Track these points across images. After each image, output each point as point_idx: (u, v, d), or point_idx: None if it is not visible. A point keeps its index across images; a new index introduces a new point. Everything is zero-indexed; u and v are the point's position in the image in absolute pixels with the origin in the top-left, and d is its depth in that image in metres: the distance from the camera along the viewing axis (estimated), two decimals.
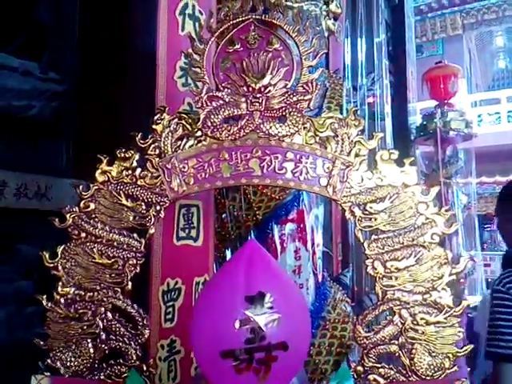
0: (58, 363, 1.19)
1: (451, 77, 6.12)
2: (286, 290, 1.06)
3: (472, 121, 6.32)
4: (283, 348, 0.99)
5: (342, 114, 1.29)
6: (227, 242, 2.17)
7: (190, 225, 1.73)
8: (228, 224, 2.19)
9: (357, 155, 1.25)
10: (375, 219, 1.23)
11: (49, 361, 1.20)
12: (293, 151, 1.26)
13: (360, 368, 1.18)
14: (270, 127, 1.24)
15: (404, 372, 1.18)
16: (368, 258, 1.22)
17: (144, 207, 1.24)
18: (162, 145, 1.25)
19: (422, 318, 1.18)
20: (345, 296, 2.41)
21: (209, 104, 1.25)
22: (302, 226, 2.26)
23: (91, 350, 1.19)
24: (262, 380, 0.99)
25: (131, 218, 1.24)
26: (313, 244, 2.28)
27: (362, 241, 1.23)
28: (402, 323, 1.19)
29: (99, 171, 1.26)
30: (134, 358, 1.19)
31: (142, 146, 1.26)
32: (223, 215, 2.23)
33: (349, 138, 1.25)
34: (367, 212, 1.23)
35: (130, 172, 1.26)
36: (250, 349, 0.97)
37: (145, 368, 1.19)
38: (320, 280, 2.24)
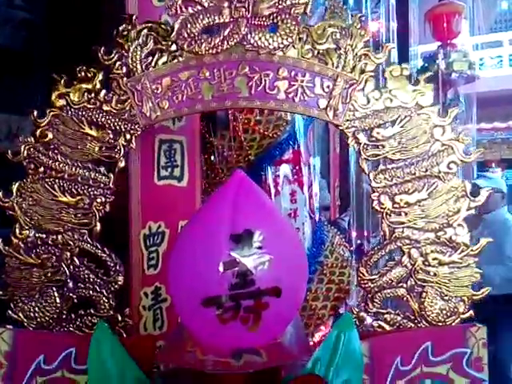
0: (21, 314, 1.05)
1: (455, 15, 5.76)
2: (278, 227, 0.90)
3: (475, 62, 6.03)
4: (275, 294, 0.84)
5: None
6: (217, 185, 2.01)
7: (172, 163, 1.55)
8: (217, 165, 2.02)
9: (362, 72, 1.06)
10: (383, 146, 1.05)
11: (10, 312, 1.06)
12: (286, 67, 1.06)
13: (363, 314, 1.05)
14: (259, 38, 1.04)
15: (412, 317, 1.05)
16: (374, 192, 1.05)
17: (111, 136, 1.06)
18: (130, 61, 1.05)
19: (434, 258, 1.03)
20: (343, 240, 2.28)
21: (184, 10, 1.03)
22: (297, 167, 2.10)
23: (57, 300, 1.05)
24: (251, 330, 0.85)
25: (97, 148, 1.06)
26: (310, 186, 2.13)
27: (367, 172, 1.06)
28: (411, 264, 1.04)
29: (56, 93, 1.06)
30: (107, 307, 1.05)
31: (106, 62, 1.06)
32: (212, 156, 2.06)
33: (353, 50, 1.05)
34: (374, 138, 1.06)
35: (92, 95, 1.06)
36: (236, 295, 0.82)
37: (120, 318, 1.05)
38: (317, 224, 2.10)
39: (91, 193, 1.06)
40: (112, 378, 0.84)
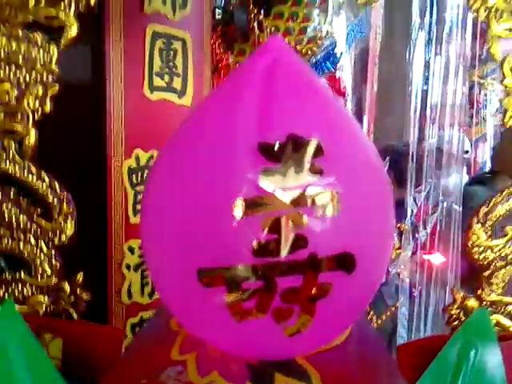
0: None
1: None
2: (352, 138, 0.46)
3: None
4: (345, 267, 0.42)
5: None
6: None
7: (171, 69, 1.10)
8: None
9: None
10: None
11: None
12: None
13: (473, 303, 0.63)
14: None
15: None
16: (509, 95, 0.60)
17: None
18: None
19: None
20: None
21: None
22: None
23: None
24: (290, 333, 0.43)
25: (32, 2, 0.61)
26: None
27: (498, 58, 0.60)
28: None
29: None
30: (47, 270, 0.64)
31: None
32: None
33: None
34: None
35: None
36: (267, 267, 0.41)
37: (68, 289, 0.64)
38: None
39: (21, 79, 0.62)
40: None
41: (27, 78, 0.62)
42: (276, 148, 0.41)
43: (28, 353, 0.44)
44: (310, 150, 0.41)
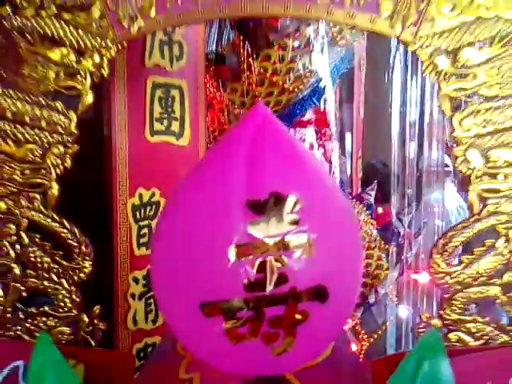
0: None
1: None
2: (323, 191, 0.57)
3: None
4: (319, 297, 0.52)
5: None
6: None
7: (169, 114, 1.22)
8: (226, 125, 1.68)
9: None
10: (474, 76, 0.71)
11: None
12: None
13: (437, 322, 0.73)
14: None
15: (509, 329, 0.72)
16: (458, 145, 0.72)
17: (73, 57, 0.72)
18: None
19: None
20: (369, 217, 1.96)
21: None
22: (323, 131, 1.76)
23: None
24: (277, 353, 0.53)
25: (52, 75, 0.73)
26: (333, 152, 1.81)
27: (448, 114, 0.72)
28: (510, 251, 0.72)
29: None
30: (68, 304, 0.74)
31: None
32: (219, 115, 1.72)
33: None
34: (460, 64, 0.71)
35: None
36: (256, 300, 0.51)
37: (86, 319, 0.74)
38: None
39: (44, 140, 0.73)
40: None
41: (50, 139, 0.73)
42: (260, 203, 0.51)
43: (62, 380, 0.53)
44: (289, 204, 0.51)
